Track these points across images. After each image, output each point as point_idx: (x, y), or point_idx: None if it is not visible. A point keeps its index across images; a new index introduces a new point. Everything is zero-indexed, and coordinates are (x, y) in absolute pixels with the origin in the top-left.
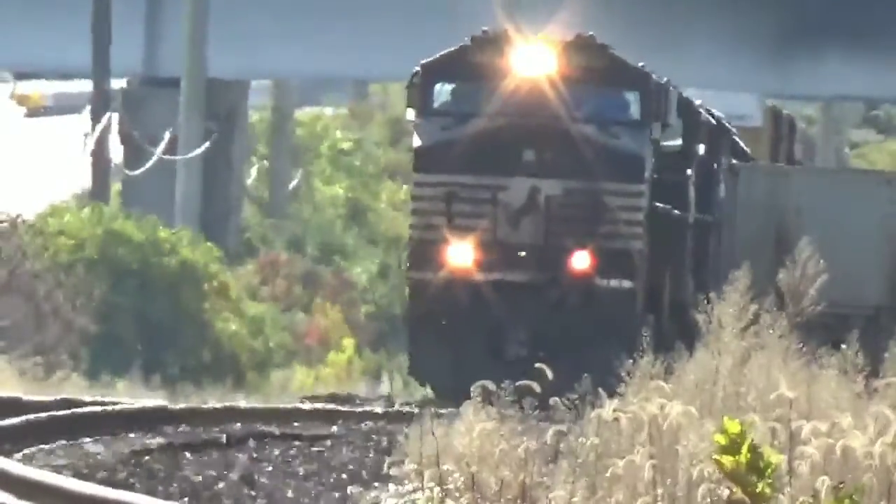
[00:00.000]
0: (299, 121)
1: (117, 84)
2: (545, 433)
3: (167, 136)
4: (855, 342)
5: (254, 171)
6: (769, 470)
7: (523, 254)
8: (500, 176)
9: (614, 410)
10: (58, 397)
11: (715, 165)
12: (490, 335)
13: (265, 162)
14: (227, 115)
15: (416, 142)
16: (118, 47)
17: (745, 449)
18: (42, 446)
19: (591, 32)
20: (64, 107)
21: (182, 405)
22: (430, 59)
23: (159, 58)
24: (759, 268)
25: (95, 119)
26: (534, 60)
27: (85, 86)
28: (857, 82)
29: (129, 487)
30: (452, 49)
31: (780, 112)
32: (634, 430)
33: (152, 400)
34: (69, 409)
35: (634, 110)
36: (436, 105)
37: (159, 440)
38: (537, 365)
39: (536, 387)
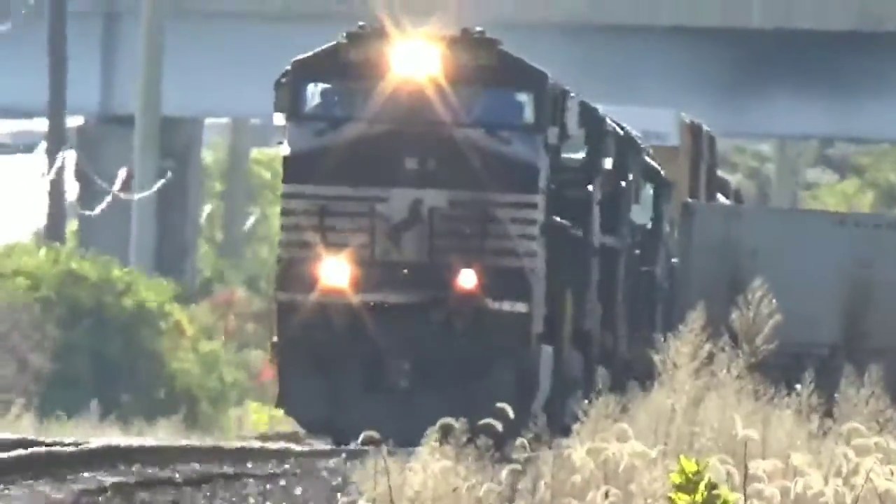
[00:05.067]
0: (257, 160)
1: (73, 122)
2: (500, 473)
3: (121, 174)
4: (809, 382)
5: (207, 211)
6: None
7: (405, 272)
8: (379, 187)
9: (568, 449)
10: (11, 437)
11: (623, 183)
12: (367, 363)
13: (220, 202)
14: (182, 153)
15: (286, 149)
16: (74, 85)
17: (701, 488)
18: None
19: (479, 28)
20: (21, 145)
21: (136, 444)
22: (301, 57)
23: (115, 96)
24: (714, 308)
25: (51, 157)
26: (415, 58)
27: (42, 124)
28: (809, 120)
29: None
30: (326, 46)
31: (699, 129)
32: (591, 469)
33: (107, 439)
34: (23, 448)
35: (528, 113)
36: (307, 108)
37: (113, 479)
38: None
39: (498, 425)
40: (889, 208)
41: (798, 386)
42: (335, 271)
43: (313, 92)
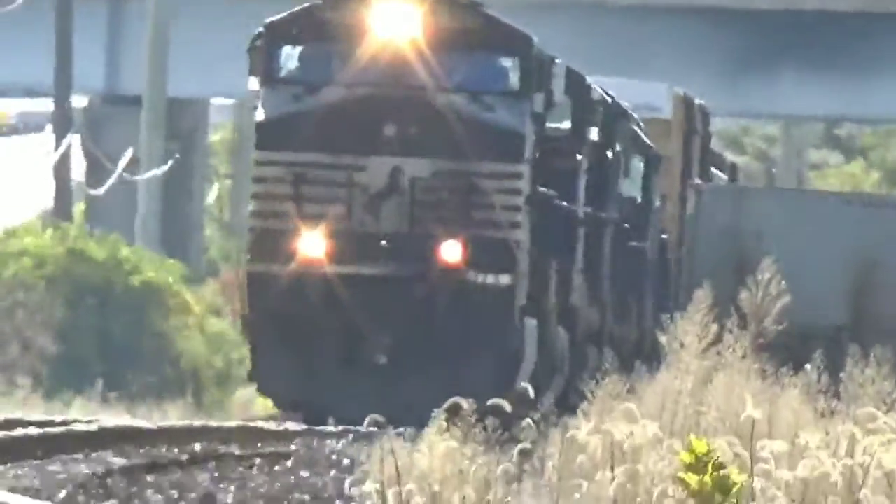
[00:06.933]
0: None
1: (80, 103)
2: (509, 453)
3: (127, 154)
4: (817, 362)
5: (214, 191)
6: (735, 489)
7: (384, 244)
8: (357, 154)
9: (580, 432)
10: (13, 416)
11: (610, 154)
12: (345, 339)
13: (226, 181)
14: (188, 134)
15: (259, 115)
16: (80, 66)
17: (710, 468)
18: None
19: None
20: (29, 125)
21: (144, 424)
22: (276, 18)
23: (121, 76)
24: (720, 289)
25: (58, 138)
26: (395, 20)
27: (49, 104)
28: (814, 101)
29: None
30: (301, 7)
31: (691, 102)
32: (599, 450)
33: (113, 418)
34: (25, 428)
35: (513, 79)
36: (282, 72)
37: (120, 460)
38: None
39: (507, 406)
40: (894, 188)
41: (805, 366)
42: (311, 242)
43: (288, 55)
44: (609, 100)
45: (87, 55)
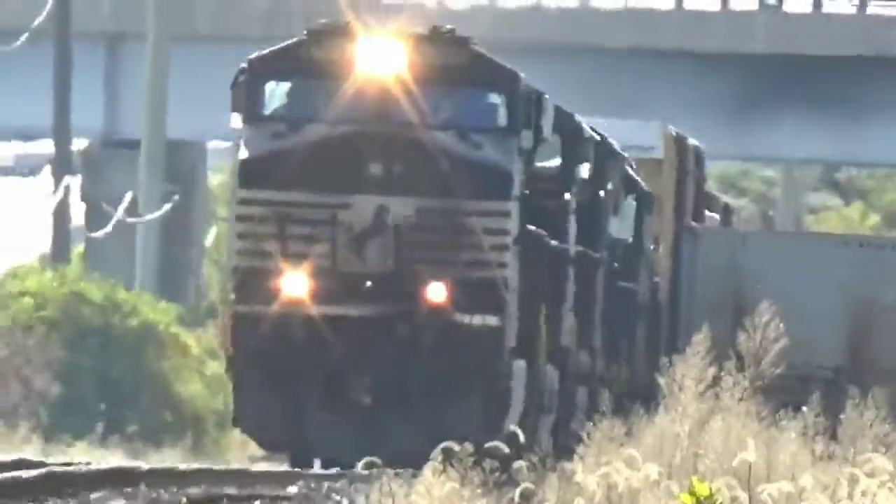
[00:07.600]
0: None
1: (79, 145)
2: (505, 496)
3: (127, 197)
4: (815, 405)
5: (212, 233)
6: None
7: (369, 284)
8: (342, 193)
9: (578, 474)
10: (15, 458)
11: (601, 193)
12: (328, 380)
13: (225, 224)
14: (186, 176)
15: (242, 152)
16: (78, 109)
17: None
18: None
19: (450, 26)
20: (26, 167)
21: (143, 466)
22: (259, 54)
23: (119, 119)
24: (718, 331)
25: (56, 180)
26: (380, 56)
27: (46, 147)
28: (815, 144)
29: None
30: (286, 44)
31: (684, 141)
32: (595, 492)
33: (112, 460)
34: (27, 469)
35: (501, 116)
36: (266, 109)
37: (119, 502)
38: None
39: (504, 447)
40: (892, 231)
41: (803, 408)
42: (294, 282)
43: (272, 92)
44: (599, 138)
45: (86, 98)
